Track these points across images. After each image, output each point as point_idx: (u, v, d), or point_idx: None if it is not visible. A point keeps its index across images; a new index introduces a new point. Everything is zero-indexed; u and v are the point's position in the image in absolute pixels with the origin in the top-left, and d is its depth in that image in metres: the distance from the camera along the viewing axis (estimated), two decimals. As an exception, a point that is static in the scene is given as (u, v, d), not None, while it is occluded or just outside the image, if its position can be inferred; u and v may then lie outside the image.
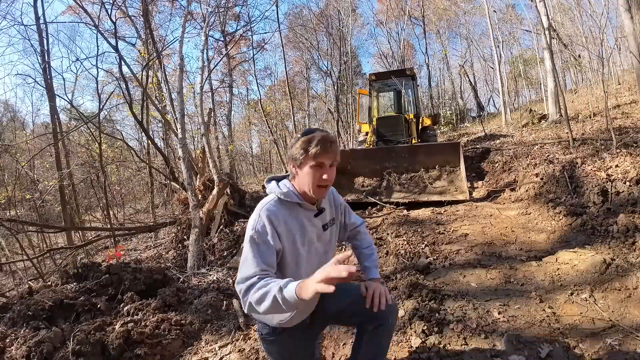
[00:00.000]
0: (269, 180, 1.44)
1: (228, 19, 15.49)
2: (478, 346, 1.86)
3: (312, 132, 1.30)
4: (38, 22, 8.41)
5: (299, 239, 1.37)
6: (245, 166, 23.45)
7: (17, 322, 2.37)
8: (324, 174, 1.29)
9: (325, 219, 1.47)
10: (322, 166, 1.29)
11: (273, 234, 1.27)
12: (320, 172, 1.29)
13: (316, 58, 19.97)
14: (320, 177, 1.29)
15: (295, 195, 1.36)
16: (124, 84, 6.40)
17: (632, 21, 6.20)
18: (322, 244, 1.45)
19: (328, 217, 1.48)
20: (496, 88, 21.67)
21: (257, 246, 1.25)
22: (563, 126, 7.92)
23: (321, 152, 1.26)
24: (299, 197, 1.36)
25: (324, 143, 1.26)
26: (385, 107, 9.91)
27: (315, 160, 1.27)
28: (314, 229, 1.41)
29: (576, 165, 4.37)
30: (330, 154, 1.28)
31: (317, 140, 1.26)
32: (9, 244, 6.54)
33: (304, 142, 1.27)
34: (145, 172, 10.13)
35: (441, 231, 3.75)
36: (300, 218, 1.38)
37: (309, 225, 1.40)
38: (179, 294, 2.97)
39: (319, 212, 1.42)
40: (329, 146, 1.27)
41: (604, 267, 2.39)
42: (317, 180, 1.30)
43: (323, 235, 1.46)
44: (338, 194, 1.59)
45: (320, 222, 1.44)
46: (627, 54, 11.28)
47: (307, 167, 1.29)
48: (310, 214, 1.40)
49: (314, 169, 1.28)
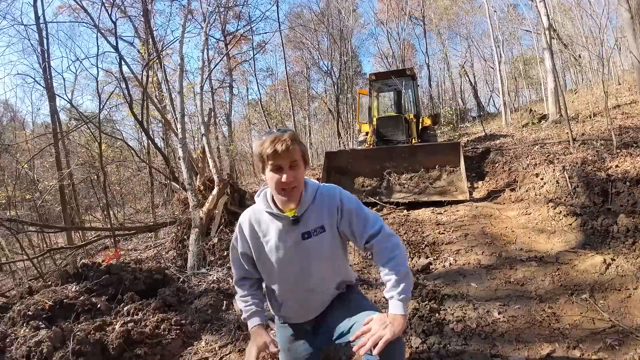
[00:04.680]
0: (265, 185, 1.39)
1: (229, 18, 15.50)
2: (478, 346, 1.86)
3: (267, 133, 1.23)
4: (38, 21, 8.42)
5: (267, 247, 1.33)
6: (245, 166, 23.41)
7: (17, 322, 2.37)
8: (282, 176, 1.20)
9: (307, 226, 1.31)
10: (280, 168, 1.21)
11: (242, 240, 1.38)
12: (279, 175, 1.21)
13: (316, 58, 19.97)
14: (279, 180, 1.21)
15: (265, 203, 1.32)
16: (124, 83, 6.40)
17: (632, 21, 6.20)
18: (299, 254, 1.32)
19: (312, 225, 1.32)
20: (496, 88, 21.68)
21: (232, 254, 1.45)
22: (563, 126, 7.92)
23: (272, 154, 1.18)
24: (269, 205, 1.31)
25: (273, 143, 1.18)
26: (385, 107, 9.91)
27: (271, 164, 1.20)
28: (287, 238, 1.31)
29: (576, 165, 4.36)
30: (284, 154, 1.18)
31: (267, 141, 1.19)
32: (9, 244, 6.54)
33: (258, 146, 1.22)
34: (145, 172, 10.12)
35: (441, 231, 3.74)
36: (272, 226, 1.32)
37: (282, 233, 1.31)
38: (179, 294, 2.96)
39: (294, 219, 1.29)
40: (281, 146, 1.17)
41: (604, 267, 2.39)
42: (277, 184, 1.22)
43: (303, 244, 1.31)
44: (345, 197, 1.36)
45: (299, 230, 1.31)
46: (627, 54, 11.28)
47: (267, 171, 1.23)
48: (285, 222, 1.30)
49: (272, 172, 1.21)
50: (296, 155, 1.22)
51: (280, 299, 1.42)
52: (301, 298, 1.40)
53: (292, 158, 1.20)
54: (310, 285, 1.38)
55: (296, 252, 1.32)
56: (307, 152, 1.32)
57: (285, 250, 1.32)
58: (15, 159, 9.74)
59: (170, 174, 6.45)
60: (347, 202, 1.34)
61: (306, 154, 1.29)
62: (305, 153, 1.28)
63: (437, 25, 22.27)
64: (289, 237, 1.31)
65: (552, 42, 9.53)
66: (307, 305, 1.43)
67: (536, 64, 19.16)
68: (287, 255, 1.32)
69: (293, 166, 1.22)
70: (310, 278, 1.36)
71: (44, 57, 8.67)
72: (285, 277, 1.37)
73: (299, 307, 1.43)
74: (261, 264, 1.38)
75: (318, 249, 1.33)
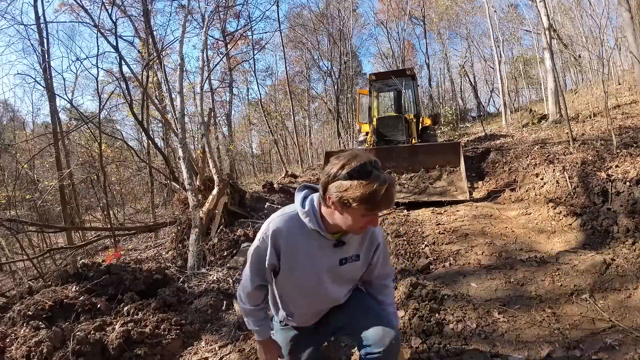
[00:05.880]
0: (301, 188, 1.28)
1: (228, 17, 15.50)
2: (478, 346, 1.86)
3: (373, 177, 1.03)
4: (38, 21, 8.43)
5: (300, 265, 1.26)
6: (245, 166, 23.42)
7: (17, 322, 2.37)
8: (371, 222, 1.12)
9: (347, 252, 1.29)
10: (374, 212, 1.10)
11: (273, 252, 1.24)
12: (368, 220, 1.12)
13: (316, 58, 19.97)
14: (365, 225, 1.13)
15: (316, 221, 1.19)
16: (124, 83, 6.41)
17: (632, 21, 6.20)
18: (330, 276, 1.31)
19: (351, 252, 1.30)
20: (496, 88, 21.68)
21: (254, 262, 1.30)
22: (563, 126, 7.92)
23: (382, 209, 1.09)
24: (319, 226, 1.19)
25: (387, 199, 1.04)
26: (385, 107, 9.92)
27: (374, 207, 1.06)
28: (325, 260, 1.27)
29: (576, 165, 4.36)
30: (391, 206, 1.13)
31: (382, 195, 1.02)
32: (9, 244, 6.53)
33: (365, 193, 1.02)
34: (145, 172, 10.12)
35: (441, 231, 3.74)
36: (313, 244, 1.23)
37: (320, 255, 1.26)
38: (179, 294, 2.97)
39: (338, 243, 1.25)
40: (392, 199, 1.07)
41: (604, 268, 2.39)
42: (362, 228, 1.14)
43: (337, 270, 1.30)
44: (379, 232, 1.36)
45: (338, 255, 1.28)
46: (627, 54, 11.27)
47: (355, 214, 1.08)
48: (328, 243, 1.24)
49: (364, 217, 1.10)
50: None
51: (291, 308, 1.40)
52: (315, 311, 1.44)
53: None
54: (326, 304, 1.42)
55: (328, 274, 1.31)
56: None
57: (319, 269, 1.29)
58: (15, 159, 9.74)
59: (170, 174, 6.45)
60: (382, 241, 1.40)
61: None
62: None
63: (437, 25, 22.27)
64: (326, 258, 1.27)
65: (552, 42, 9.53)
66: (317, 315, 1.46)
67: (536, 64, 19.16)
68: (319, 275, 1.30)
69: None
70: (330, 297, 1.38)
71: (44, 57, 8.68)
72: (308, 292, 1.34)
73: (308, 316, 1.45)
74: (285, 276, 1.31)
75: (348, 274, 1.35)
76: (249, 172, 22.73)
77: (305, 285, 1.32)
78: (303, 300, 1.37)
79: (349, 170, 1.03)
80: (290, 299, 1.38)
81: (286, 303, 1.39)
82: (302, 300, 1.37)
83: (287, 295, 1.38)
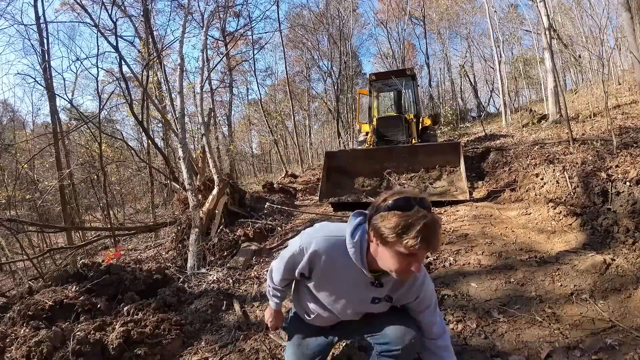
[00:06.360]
0: (357, 214, 1.21)
1: (228, 17, 15.49)
2: (478, 346, 1.86)
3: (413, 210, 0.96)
4: (38, 21, 8.44)
5: (330, 288, 1.28)
6: (245, 166, 23.44)
7: (17, 322, 2.37)
8: (413, 265, 1.03)
9: (381, 293, 1.26)
10: (413, 257, 1.01)
11: (304, 266, 1.26)
12: (408, 262, 1.02)
13: (316, 58, 19.97)
14: (407, 268, 1.04)
15: (360, 256, 1.14)
16: (124, 83, 6.41)
17: (632, 21, 6.20)
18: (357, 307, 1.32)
19: (385, 292, 1.27)
20: (496, 88, 21.66)
21: (287, 264, 1.33)
22: (563, 126, 7.92)
23: (420, 247, 0.95)
24: (362, 262, 1.15)
25: (427, 236, 0.94)
26: (385, 107, 9.90)
27: (409, 250, 0.97)
28: (358, 294, 1.27)
29: (576, 165, 4.36)
30: (431, 248, 1.00)
31: (418, 230, 0.94)
32: (9, 244, 6.54)
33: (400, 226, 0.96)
34: (145, 172, 10.12)
35: (441, 231, 3.74)
36: (350, 275, 1.21)
37: (354, 288, 1.25)
38: (179, 294, 2.97)
39: (375, 282, 1.22)
40: (432, 239, 0.97)
41: (604, 267, 2.39)
42: (402, 270, 1.05)
43: (367, 306, 1.30)
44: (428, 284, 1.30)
45: (373, 293, 1.26)
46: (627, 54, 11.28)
47: (393, 250, 1.01)
48: (366, 280, 1.22)
49: (402, 257, 1.01)
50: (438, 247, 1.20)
51: (308, 311, 1.45)
52: (331, 322, 1.47)
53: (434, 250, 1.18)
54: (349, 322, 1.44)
55: (355, 306, 1.33)
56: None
57: (348, 299, 1.30)
58: (15, 159, 9.75)
59: (170, 174, 6.45)
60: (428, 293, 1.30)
61: None
62: None
63: (437, 25, 22.27)
64: (360, 292, 1.26)
65: (552, 42, 9.53)
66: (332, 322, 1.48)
67: (536, 64, 19.15)
68: (346, 304, 1.32)
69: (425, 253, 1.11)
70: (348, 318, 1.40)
71: (44, 57, 8.69)
72: (328, 309, 1.37)
73: (323, 322, 1.48)
74: (312, 288, 1.33)
75: (373, 309, 1.33)
76: (249, 172, 22.75)
77: (328, 304, 1.34)
78: (321, 311, 1.39)
79: (391, 202, 1.00)
80: (309, 304, 1.41)
81: (305, 303, 1.43)
82: (320, 311, 1.39)
83: (308, 299, 1.41)
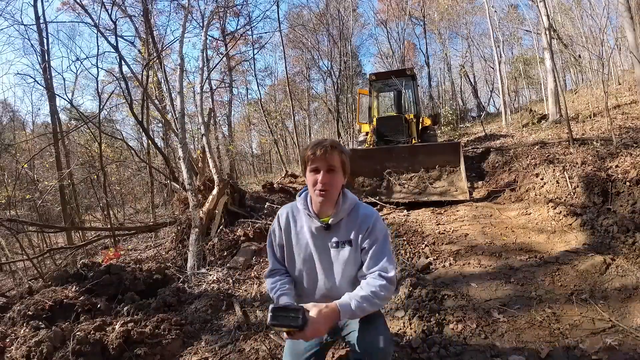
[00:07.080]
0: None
1: (228, 16, 15.48)
2: (478, 346, 1.86)
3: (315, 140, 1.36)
4: (38, 21, 8.44)
5: (296, 243, 1.44)
6: (245, 166, 23.42)
7: (17, 322, 2.37)
8: (317, 178, 1.31)
9: (336, 237, 1.40)
10: (316, 171, 1.32)
11: (278, 230, 1.47)
12: (314, 177, 1.32)
13: (316, 58, 19.94)
14: (315, 182, 1.32)
15: (304, 204, 1.42)
16: (124, 83, 6.41)
17: (632, 21, 6.20)
18: (323, 259, 1.41)
19: (342, 237, 1.39)
20: (496, 88, 21.65)
21: (268, 241, 1.51)
22: (563, 126, 7.92)
23: (311, 156, 1.30)
24: (307, 206, 1.41)
25: (314, 147, 1.30)
26: (385, 107, 9.92)
27: (309, 165, 1.32)
28: (315, 241, 1.41)
29: (576, 165, 4.37)
30: (321, 158, 1.29)
31: (310, 145, 1.32)
32: (9, 244, 6.54)
33: (303, 149, 1.36)
34: (145, 172, 10.13)
35: (441, 231, 3.74)
36: (305, 225, 1.43)
37: (312, 235, 1.41)
38: (179, 294, 2.96)
39: (326, 227, 1.39)
40: (320, 150, 1.29)
41: (604, 267, 2.39)
42: (312, 185, 1.33)
43: (332, 252, 1.41)
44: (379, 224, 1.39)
45: (329, 238, 1.40)
46: (627, 54, 11.28)
47: (307, 172, 1.35)
48: (317, 226, 1.39)
49: (310, 174, 1.33)
50: (334, 162, 1.31)
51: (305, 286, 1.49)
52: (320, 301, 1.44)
53: (329, 163, 1.30)
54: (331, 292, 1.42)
55: (321, 256, 1.42)
56: (348, 163, 1.38)
57: (312, 251, 1.42)
58: (15, 159, 9.75)
59: (170, 174, 6.45)
60: (378, 229, 1.37)
61: (346, 164, 1.37)
62: (345, 163, 1.36)
63: (437, 25, 22.27)
64: (318, 240, 1.41)
65: (552, 42, 9.53)
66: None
67: (536, 64, 19.16)
68: (313, 256, 1.42)
69: (330, 171, 1.31)
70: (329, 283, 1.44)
71: (44, 57, 8.69)
72: (308, 275, 1.46)
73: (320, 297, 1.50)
74: (289, 258, 1.47)
75: (340, 259, 1.40)
76: (249, 172, 22.72)
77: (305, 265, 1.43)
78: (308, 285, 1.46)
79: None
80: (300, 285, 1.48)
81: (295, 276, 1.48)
82: (307, 286, 1.46)
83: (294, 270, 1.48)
